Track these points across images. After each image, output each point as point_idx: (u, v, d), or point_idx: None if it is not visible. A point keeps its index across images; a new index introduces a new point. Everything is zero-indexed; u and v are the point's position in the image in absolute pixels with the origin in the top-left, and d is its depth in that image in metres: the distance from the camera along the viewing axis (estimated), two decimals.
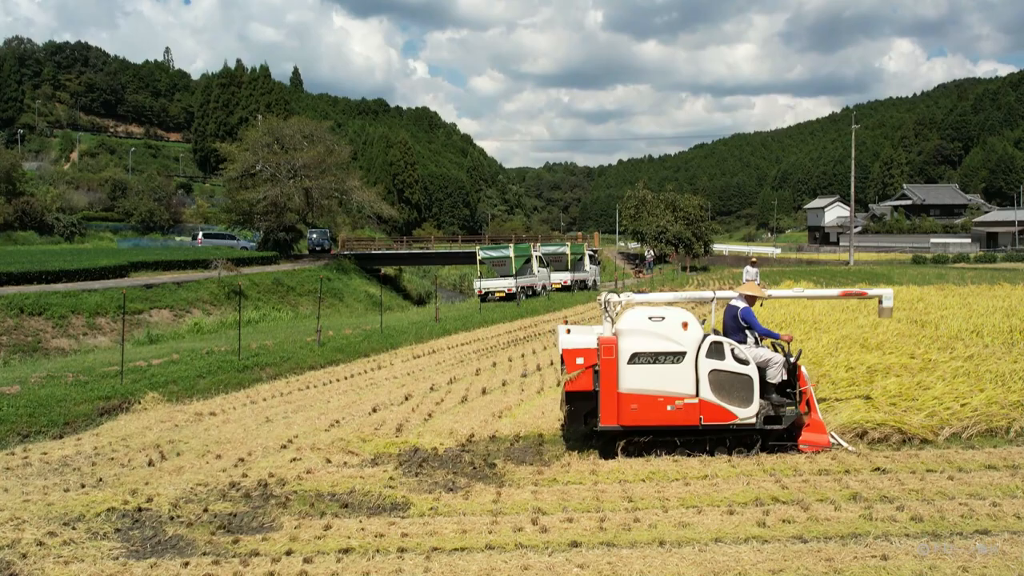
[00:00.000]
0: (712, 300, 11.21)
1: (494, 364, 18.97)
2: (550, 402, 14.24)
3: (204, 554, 7.50)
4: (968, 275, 49.75)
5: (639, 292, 11.30)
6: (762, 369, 10.31)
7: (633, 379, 10.08)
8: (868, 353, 15.94)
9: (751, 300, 10.94)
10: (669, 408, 10.05)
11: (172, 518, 8.47)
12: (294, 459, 10.71)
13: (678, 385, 10.05)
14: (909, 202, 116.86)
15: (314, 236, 67.35)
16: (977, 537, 7.51)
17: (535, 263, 39.39)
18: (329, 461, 10.62)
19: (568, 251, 44.25)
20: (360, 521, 8.32)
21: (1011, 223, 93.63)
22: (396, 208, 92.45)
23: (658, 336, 10.10)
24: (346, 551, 7.48)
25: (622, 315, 10.49)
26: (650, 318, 10.17)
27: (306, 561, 7.20)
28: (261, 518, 8.48)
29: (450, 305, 39.44)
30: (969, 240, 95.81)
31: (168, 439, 11.88)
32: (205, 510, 8.69)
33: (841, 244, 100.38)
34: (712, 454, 10.33)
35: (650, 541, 7.58)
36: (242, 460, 10.69)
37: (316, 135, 67.61)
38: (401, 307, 61.36)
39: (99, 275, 39.79)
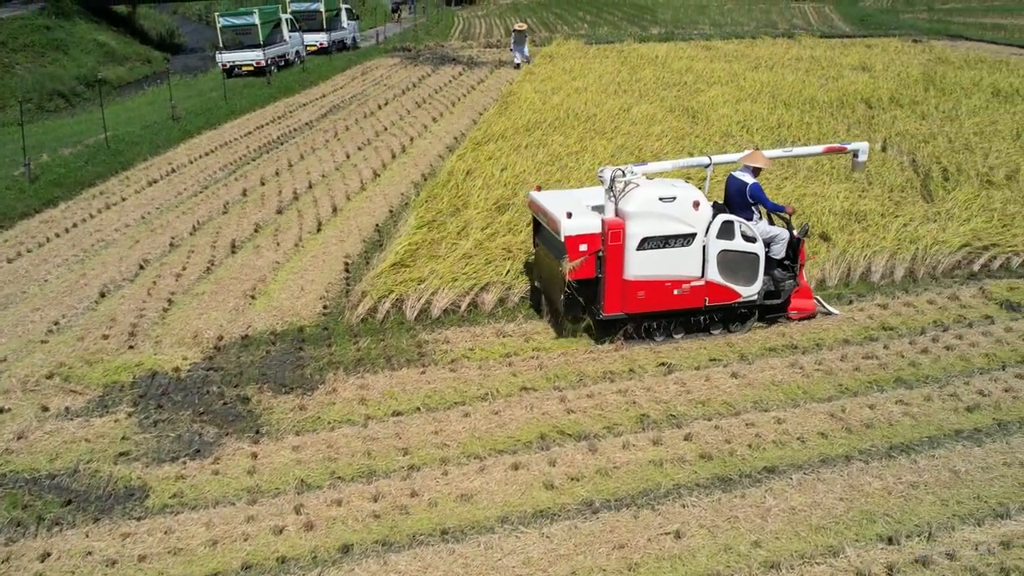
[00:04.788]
0: (708, 167, 10.27)
1: (244, 192, 16.92)
2: (309, 262, 12.79)
3: None
4: None
5: (638, 164, 10.17)
6: (767, 245, 9.82)
7: (641, 265, 9.25)
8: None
9: (756, 172, 10.09)
10: (676, 292, 9.43)
11: None
12: (0, 410, 8.90)
13: (686, 268, 9.39)
14: None
15: None
16: (766, 480, 7.27)
17: (285, 27, 35.47)
18: (46, 409, 8.89)
19: (322, 8, 40.11)
20: (87, 534, 6.93)
21: None
22: None
23: (669, 218, 9.19)
24: None
25: (628, 195, 9.30)
26: (661, 199, 9.14)
27: None
28: None
29: (190, 84, 35.07)
30: None
31: None
32: None
33: None
34: (709, 332, 10.02)
35: (431, 531, 6.79)
36: None
37: None
38: (139, 57, 54.80)
39: None
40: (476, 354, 9.75)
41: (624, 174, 9.33)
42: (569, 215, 9.28)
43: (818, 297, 10.73)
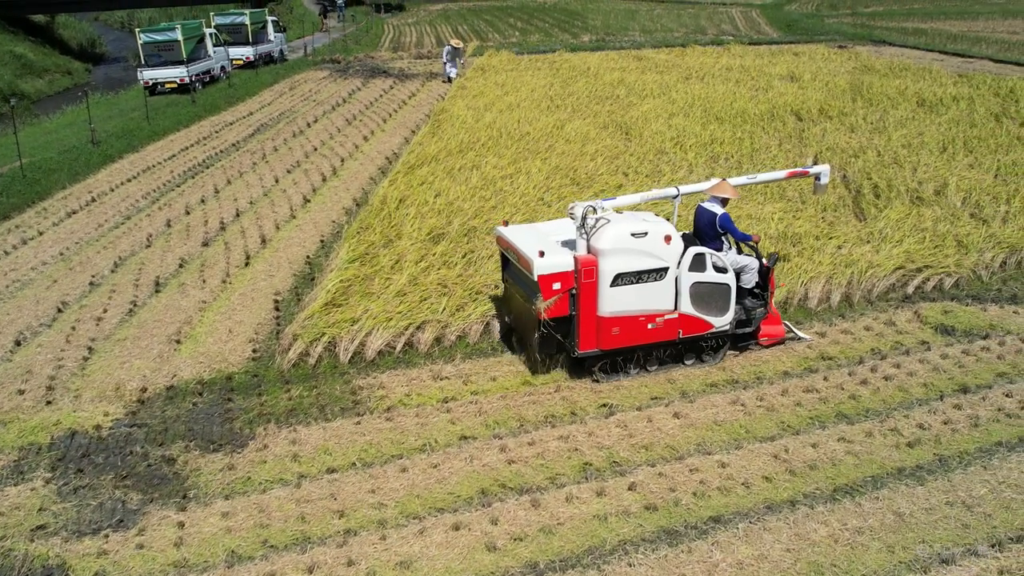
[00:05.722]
0: (676, 198, 10.18)
1: (168, 223, 16.35)
2: (237, 301, 12.35)
3: None
4: None
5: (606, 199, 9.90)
6: (737, 275, 9.77)
7: (615, 302, 9.15)
8: (580, 190, 15.27)
9: (724, 202, 9.94)
10: (650, 326, 9.36)
11: None
12: None
13: (659, 302, 9.33)
14: None
15: None
16: (712, 531, 7.13)
17: (209, 43, 34.57)
18: None
19: (248, 21, 39.24)
20: None
21: None
22: None
23: (642, 253, 9.11)
24: None
25: (599, 231, 9.15)
26: (632, 234, 9.04)
27: None
28: None
29: (111, 102, 33.97)
30: None
31: None
32: None
33: None
34: (683, 362, 10.02)
35: None
36: None
37: None
38: (59, 68, 53.16)
39: None
40: (413, 400, 9.46)
41: (595, 210, 9.22)
42: (542, 254, 9.14)
43: (787, 323, 10.71)
